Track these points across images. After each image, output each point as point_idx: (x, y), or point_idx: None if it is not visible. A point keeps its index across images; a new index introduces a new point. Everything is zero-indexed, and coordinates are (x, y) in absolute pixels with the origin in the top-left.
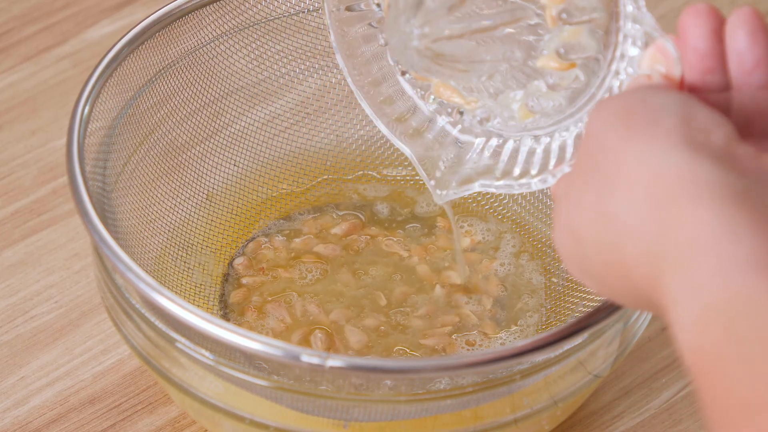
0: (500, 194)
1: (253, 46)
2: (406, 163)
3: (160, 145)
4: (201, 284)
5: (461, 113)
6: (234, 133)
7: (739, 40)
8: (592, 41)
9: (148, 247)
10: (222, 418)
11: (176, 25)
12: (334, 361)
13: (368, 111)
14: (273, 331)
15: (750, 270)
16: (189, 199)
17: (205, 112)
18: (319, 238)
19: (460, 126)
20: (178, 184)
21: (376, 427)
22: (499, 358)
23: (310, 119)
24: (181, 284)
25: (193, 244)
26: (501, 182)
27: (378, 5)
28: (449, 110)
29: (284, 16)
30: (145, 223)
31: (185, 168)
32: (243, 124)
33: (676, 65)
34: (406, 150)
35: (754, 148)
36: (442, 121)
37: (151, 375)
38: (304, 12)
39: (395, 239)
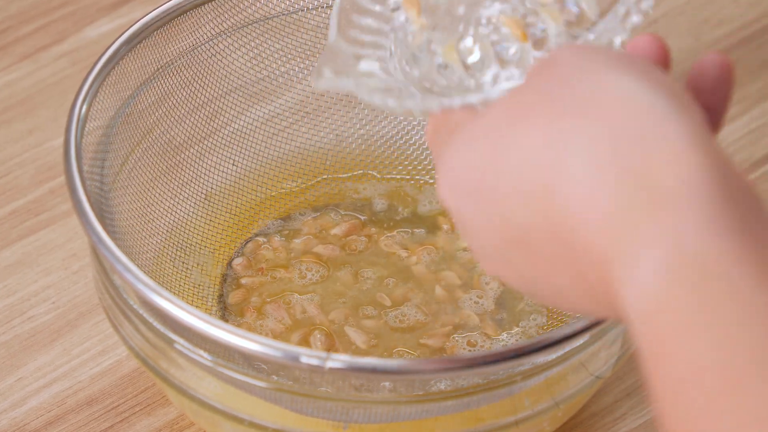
0: None
1: (252, 44)
2: (406, 163)
3: (158, 144)
4: (199, 285)
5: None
6: (233, 133)
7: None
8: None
9: (146, 248)
10: (221, 420)
11: (174, 23)
12: (334, 362)
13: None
14: (272, 331)
15: (729, 230)
16: (187, 198)
17: (203, 111)
18: (319, 238)
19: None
20: (176, 183)
21: (377, 429)
22: (500, 359)
23: (310, 118)
24: (180, 285)
25: (191, 245)
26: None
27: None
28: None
29: (283, 14)
30: (143, 223)
31: (183, 167)
32: (242, 123)
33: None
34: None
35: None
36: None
37: (149, 376)
38: (303, 10)
39: (395, 239)
